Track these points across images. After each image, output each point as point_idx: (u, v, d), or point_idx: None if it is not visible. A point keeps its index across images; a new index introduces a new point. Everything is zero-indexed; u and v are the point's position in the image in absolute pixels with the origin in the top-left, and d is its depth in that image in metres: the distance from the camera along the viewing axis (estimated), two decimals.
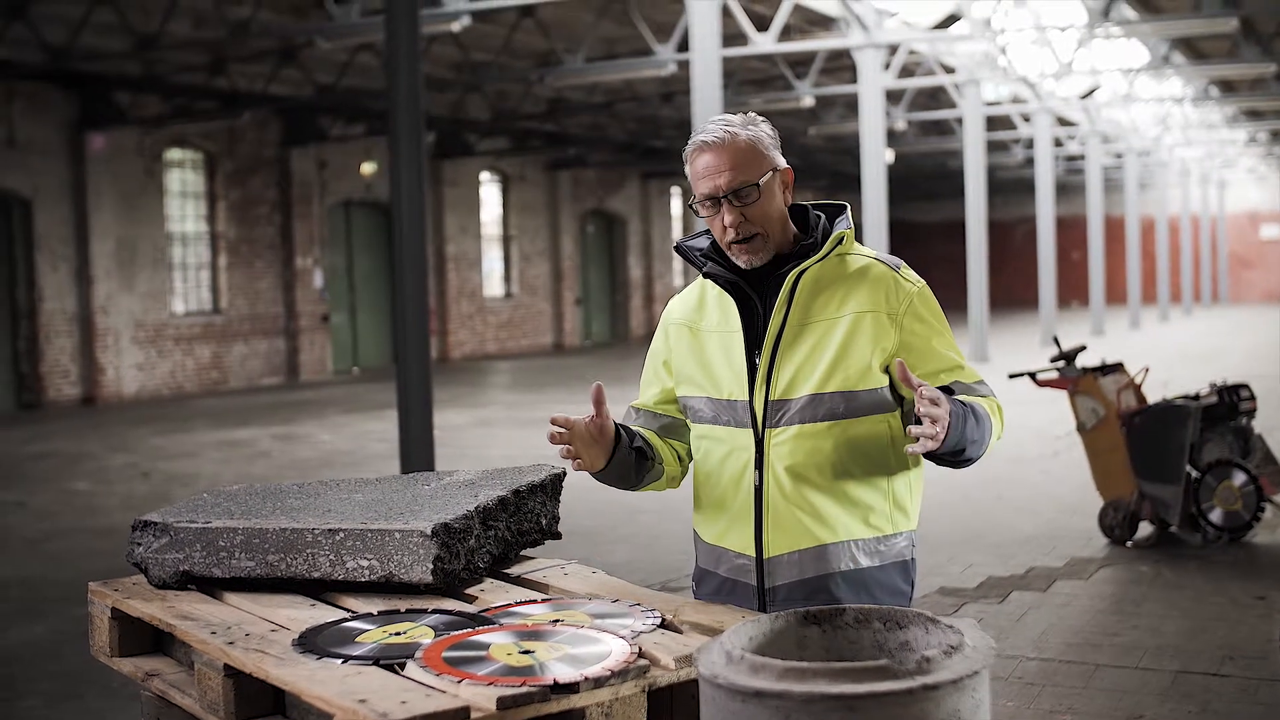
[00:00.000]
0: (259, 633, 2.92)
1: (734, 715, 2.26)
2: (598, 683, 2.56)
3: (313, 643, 2.81)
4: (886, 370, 3.14)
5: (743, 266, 3.18)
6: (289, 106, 23.88)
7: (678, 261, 39.94)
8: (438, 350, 29.24)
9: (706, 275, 3.27)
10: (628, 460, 3.25)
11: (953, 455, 2.97)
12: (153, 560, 3.33)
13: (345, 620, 2.97)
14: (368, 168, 27.27)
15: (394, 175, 10.18)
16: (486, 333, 31.48)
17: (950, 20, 20.15)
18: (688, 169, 3.21)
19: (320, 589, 3.26)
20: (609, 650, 2.70)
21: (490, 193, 32.43)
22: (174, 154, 24.00)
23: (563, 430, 3.11)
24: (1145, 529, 9.05)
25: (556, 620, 2.92)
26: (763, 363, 3.16)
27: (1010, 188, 44.16)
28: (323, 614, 3.07)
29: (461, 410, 18.65)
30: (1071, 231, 45.79)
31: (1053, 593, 7.70)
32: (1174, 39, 22.76)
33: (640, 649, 2.72)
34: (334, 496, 3.53)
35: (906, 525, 3.25)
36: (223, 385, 24.23)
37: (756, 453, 3.17)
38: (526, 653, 2.69)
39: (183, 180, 24.27)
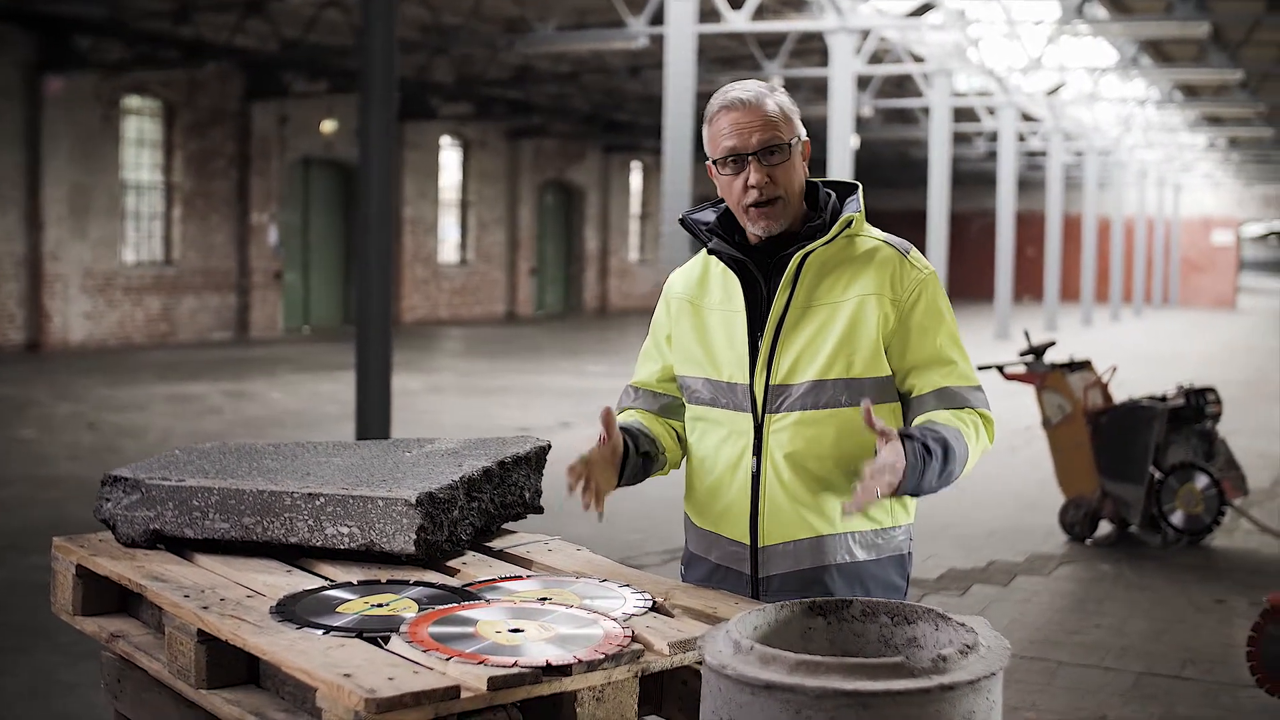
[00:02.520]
0: (234, 598, 2.81)
1: (742, 708, 2.18)
2: (590, 666, 2.47)
3: (292, 611, 2.71)
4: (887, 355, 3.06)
5: (759, 234, 3.06)
6: (253, 60, 23.57)
7: (634, 235, 39.79)
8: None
9: (711, 251, 3.16)
10: (637, 469, 3.14)
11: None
12: (122, 517, 3.21)
13: (325, 589, 2.87)
14: (328, 125, 26.97)
15: (363, 136, 10.03)
16: (440, 298, 31.26)
17: (924, 9, 20.09)
18: (708, 128, 3.09)
19: (295, 554, 3.15)
20: (601, 632, 2.61)
21: (450, 158, 32.18)
22: (133, 101, 23.64)
23: (582, 477, 2.97)
24: (1105, 528, 9.04)
25: (544, 599, 2.83)
26: (764, 346, 3.05)
27: (969, 180, 44.19)
28: (300, 581, 2.96)
29: (414, 375, 18.47)
30: (1027, 227, 45.92)
31: (1014, 588, 7.67)
32: (1142, 41, 22.79)
33: (633, 632, 2.63)
34: (312, 459, 3.41)
35: (905, 519, 3.17)
36: (171, 338, 23.94)
37: (755, 439, 3.08)
38: (516, 631, 2.60)
39: (140, 129, 23.91)
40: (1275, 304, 53.46)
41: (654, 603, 2.85)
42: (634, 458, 3.12)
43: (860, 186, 3.19)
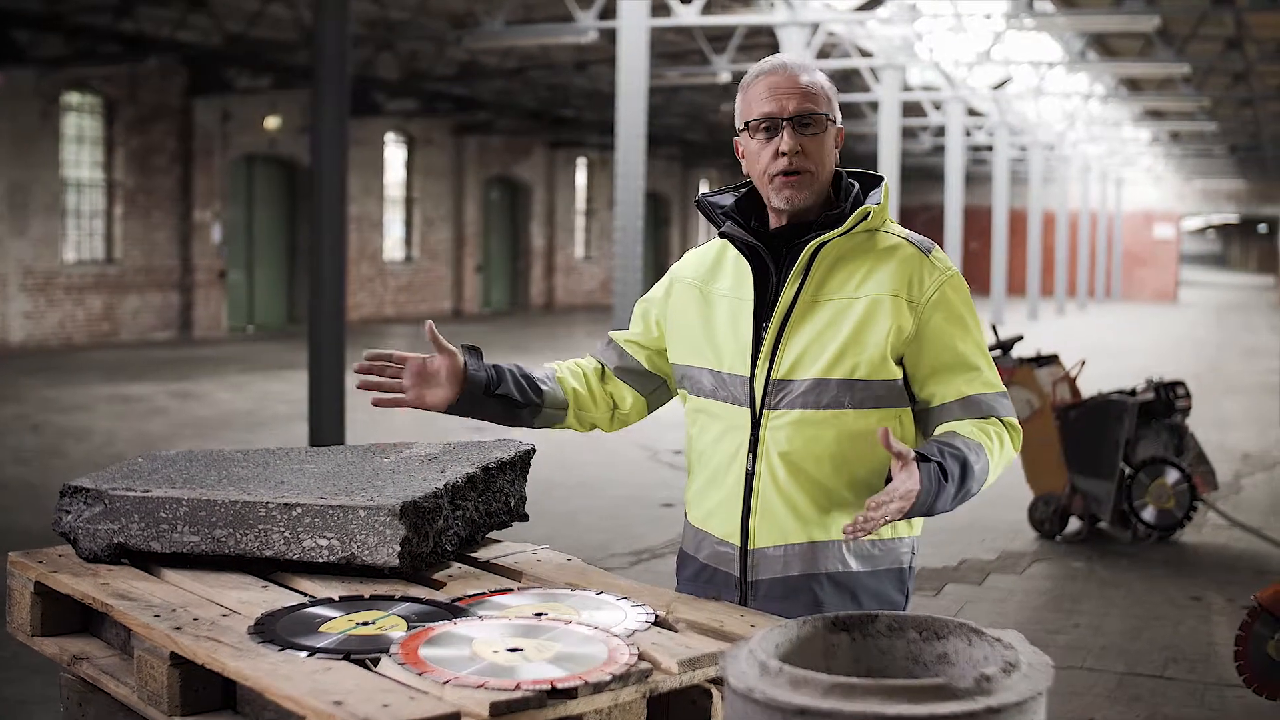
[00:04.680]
0: (208, 617, 2.63)
1: None
2: (597, 687, 2.31)
3: (272, 631, 2.53)
4: (900, 362, 2.91)
5: (782, 206, 2.91)
6: (195, 55, 23.19)
7: (580, 232, 39.57)
8: None
9: (723, 235, 3.01)
10: (484, 404, 3.04)
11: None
12: (83, 530, 3.01)
13: (305, 606, 2.69)
14: (272, 122, 26.62)
15: (316, 134, 9.83)
16: (385, 296, 30.97)
17: (874, 3, 20.01)
18: (742, 95, 2.97)
19: (269, 568, 2.96)
20: (604, 650, 2.45)
21: (395, 154, 31.88)
22: (72, 97, 23.19)
23: (387, 364, 2.96)
24: (1074, 524, 8.95)
25: (540, 613, 2.66)
26: (768, 338, 2.91)
27: (915, 175, 44.24)
28: (277, 597, 2.78)
29: None
30: (971, 221, 46.04)
31: (988, 586, 7.56)
32: (1089, 35, 22.81)
33: (639, 650, 2.47)
34: (285, 466, 3.23)
35: (909, 531, 3.03)
36: (113, 338, 23.54)
37: (752, 435, 2.93)
38: (514, 650, 2.43)
39: (80, 125, 23.47)
40: (1215, 297, 53.98)
41: (656, 617, 2.69)
42: (478, 391, 3.02)
43: (885, 180, 3.04)
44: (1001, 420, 2.91)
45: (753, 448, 2.92)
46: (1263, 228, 75.36)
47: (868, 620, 2.34)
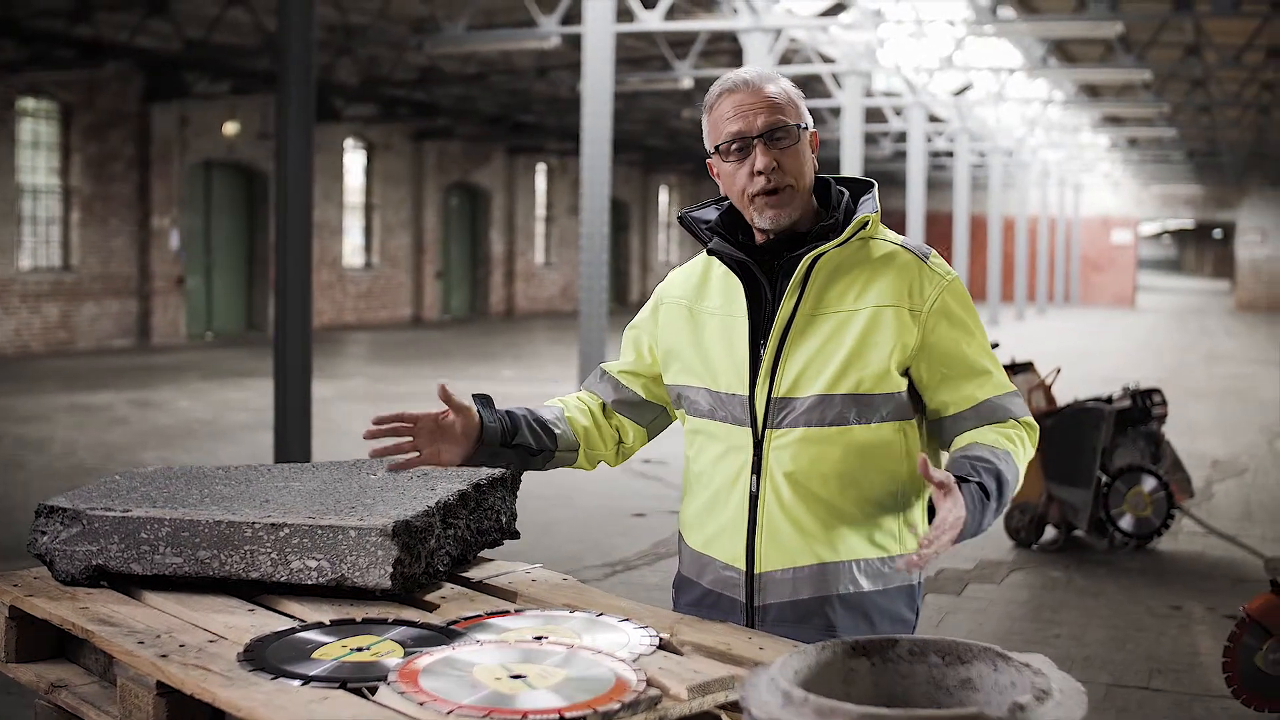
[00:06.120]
0: (195, 643, 2.52)
1: None
2: (606, 716, 2.21)
3: (262, 658, 2.43)
4: (906, 373, 2.83)
5: (766, 226, 2.82)
6: (153, 60, 22.95)
7: (540, 238, 39.43)
8: None
9: (711, 252, 2.92)
10: (499, 455, 2.94)
11: None
12: (60, 552, 2.90)
13: (295, 631, 2.58)
14: (230, 127, 26.39)
15: (280, 140, 9.68)
16: (345, 303, 30.77)
17: (837, 9, 19.99)
18: (708, 117, 2.87)
19: (254, 590, 2.86)
20: (611, 675, 2.36)
21: (354, 160, 31.68)
22: (28, 103, 22.92)
23: (401, 425, 2.80)
24: (1050, 532, 8.89)
25: (541, 637, 2.56)
26: (767, 355, 2.82)
27: (876, 181, 44.07)
28: (265, 621, 2.68)
29: (325, 382, 18.02)
30: (933, 227, 46.14)
31: (967, 596, 7.50)
32: (1050, 41, 22.86)
33: (647, 676, 2.37)
34: (269, 484, 3.12)
35: (914, 545, 2.94)
36: (71, 346, 23.28)
37: (754, 456, 2.84)
38: (517, 677, 2.33)
39: (35, 131, 23.19)
40: (1172, 301, 54.30)
41: (660, 639, 2.60)
42: (494, 443, 2.92)
43: (876, 185, 2.96)
44: (1019, 421, 2.86)
45: (756, 468, 2.84)
46: (1218, 233, 75.93)
47: (888, 645, 2.25)
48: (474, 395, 2.98)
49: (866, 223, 2.84)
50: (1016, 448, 2.79)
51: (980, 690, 2.20)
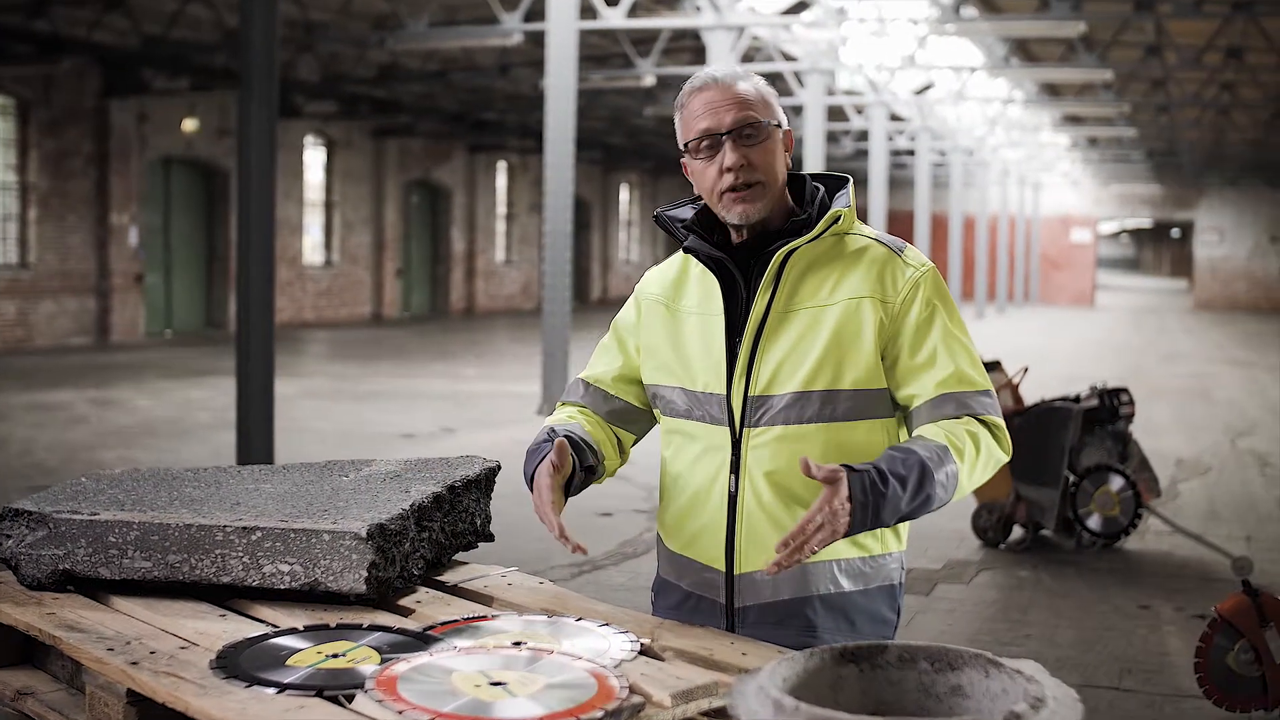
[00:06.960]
0: (165, 649, 2.47)
1: None
2: None
3: (236, 665, 2.37)
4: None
5: (736, 222, 2.78)
6: (111, 56, 22.75)
7: (501, 236, 39.31)
8: None
9: (687, 250, 2.88)
10: (579, 485, 2.87)
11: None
12: (25, 556, 2.84)
13: (269, 636, 2.53)
14: (190, 124, 26.20)
15: (242, 137, 9.59)
16: (305, 300, 30.60)
17: (800, 7, 19.98)
18: (679, 114, 2.83)
19: (225, 595, 2.80)
20: (592, 682, 2.31)
21: (314, 157, 31.51)
22: None
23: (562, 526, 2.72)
24: (1018, 532, 8.88)
25: (519, 643, 2.52)
26: (743, 353, 2.78)
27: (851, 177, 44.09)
28: (237, 627, 2.62)
29: (286, 380, 17.85)
30: (894, 225, 46.24)
31: (935, 597, 7.49)
32: (1012, 40, 22.93)
33: (630, 682, 2.33)
34: (239, 486, 3.06)
35: (897, 545, 2.90)
36: (28, 343, 23.04)
37: (733, 455, 2.80)
38: (497, 684, 2.29)
39: None
40: (1131, 300, 54.62)
41: (641, 645, 2.55)
42: (578, 475, 2.83)
43: (851, 180, 2.92)
44: (978, 418, 2.76)
45: (734, 468, 2.80)
46: (1176, 232, 76.47)
47: (877, 651, 2.22)
48: (549, 430, 2.91)
49: (839, 218, 2.80)
50: (960, 441, 2.69)
51: (971, 697, 2.17)
